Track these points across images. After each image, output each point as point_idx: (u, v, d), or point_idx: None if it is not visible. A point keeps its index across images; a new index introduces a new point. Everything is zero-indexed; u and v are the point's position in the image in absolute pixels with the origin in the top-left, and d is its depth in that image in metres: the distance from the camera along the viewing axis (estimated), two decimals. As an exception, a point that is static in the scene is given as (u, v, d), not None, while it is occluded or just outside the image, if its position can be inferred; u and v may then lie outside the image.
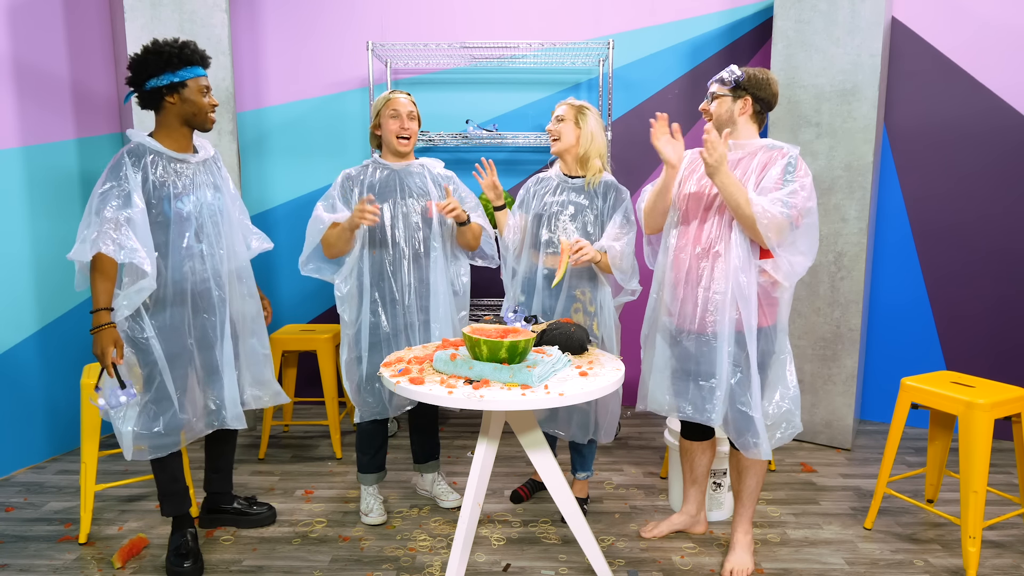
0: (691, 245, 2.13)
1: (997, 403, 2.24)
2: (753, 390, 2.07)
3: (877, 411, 3.71)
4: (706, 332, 2.10)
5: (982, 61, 3.33)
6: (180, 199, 2.11)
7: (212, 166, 2.26)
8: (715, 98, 2.13)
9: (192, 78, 2.09)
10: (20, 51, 3.03)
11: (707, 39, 3.69)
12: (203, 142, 2.27)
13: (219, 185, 2.26)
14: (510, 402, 1.72)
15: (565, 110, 2.44)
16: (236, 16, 3.65)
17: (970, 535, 2.23)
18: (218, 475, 2.51)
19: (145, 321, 2.08)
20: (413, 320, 2.47)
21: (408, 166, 2.49)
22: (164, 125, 2.13)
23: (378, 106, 2.46)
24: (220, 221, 2.23)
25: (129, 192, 2.00)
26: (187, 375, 2.17)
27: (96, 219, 1.96)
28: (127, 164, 2.03)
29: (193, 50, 2.09)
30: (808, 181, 2.02)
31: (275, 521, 2.57)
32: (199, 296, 2.16)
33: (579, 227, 2.43)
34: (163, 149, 2.10)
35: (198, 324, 2.17)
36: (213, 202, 2.21)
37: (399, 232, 2.43)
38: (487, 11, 3.70)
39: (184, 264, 2.12)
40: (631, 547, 2.42)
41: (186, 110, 2.10)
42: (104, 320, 1.98)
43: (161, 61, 2.04)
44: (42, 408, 3.16)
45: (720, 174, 1.95)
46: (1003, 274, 3.39)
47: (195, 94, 2.09)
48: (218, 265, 2.21)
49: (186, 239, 2.12)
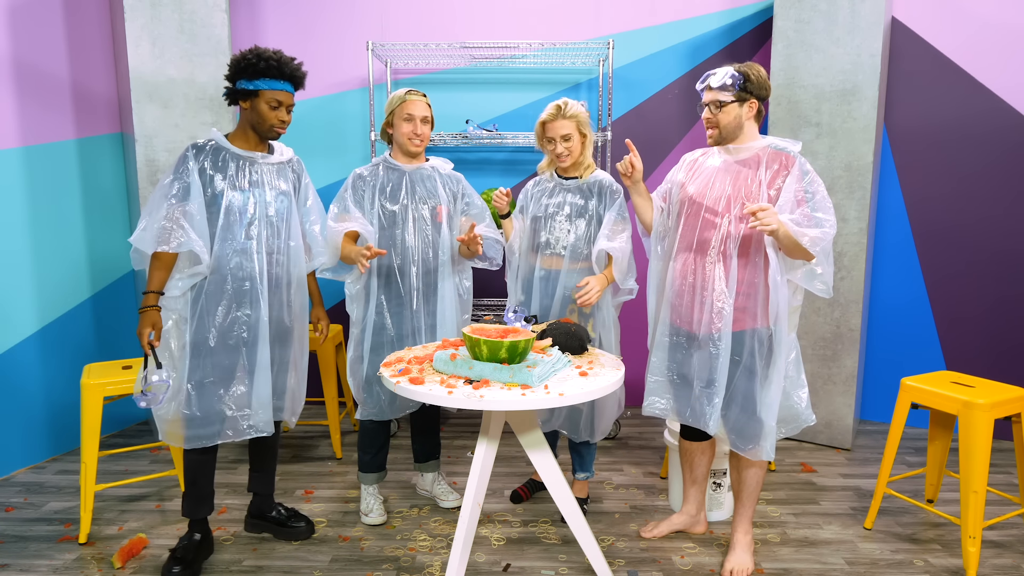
0: (695, 247, 2.12)
1: (997, 403, 2.24)
2: (765, 391, 2.07)
3: (877, 411, 3.71)
4: (709, 334, 2.10)
5: (982, 61, 3.33)
6: (234, 193, 2.12)
7: (286, 170, 2.27)
8: (722, 106, 2.07)
9: (267, 90, 2.10)
10: (20, 51, 3.03)
11: (707, 39, 3.69)
12: (281, 146, 2.29)
13: (288, 191, 2.25)
14: (510, 402, 1.72)
15: (569, 128, 2.36)
16: (236, 16, 3.64)
17: (970, 535, 2.23)
18: (259, 475, 2.47)
19: (186, 306, 2.12)
20: (420, 324, 2.47)
21: (419, 168, 2.49)
22: (239, 125, 2.20)
23: (393, 105, 2.42)
24: (280, 224, 2.21)
25: (188, 185, 2.07)
26: (227, 372, 2.16)
27: (155, 211, 2.05)
28: (189, 157, 2.10)
29: (271, 64, 2.08)
30: (822, 186, 2.03)
31: (312, 535, 2.49)
32: (242, 293, 2.15)
33: (575, 227, 2.43)
34: (228, 145, 2.14)
35: (236, 320, 2.15)
36: (275, 204, 2.20)
37: (409, 235, 2.43)
38: (487, 11, 3.70)
39: (232, 258, 2.13)
40: (631, 547, 2.42)
41: (253, 117, 2.14)
42: (150, 302, 2.06)
43: (240, 67, 2.09)
44: (42, 408, 3.16)
45: (780, 232, 1.91)
46: (1003, 274, 3.39)
47: (262, 105, 2.11)
48: (269, 266, 2.19)
49: (236, 233, 2.13)
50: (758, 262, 2.06)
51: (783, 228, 1.90)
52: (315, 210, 2.38)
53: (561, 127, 2.37)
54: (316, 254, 2.38)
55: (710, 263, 2.08)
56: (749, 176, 2.06)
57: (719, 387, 2.08)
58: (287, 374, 2.31)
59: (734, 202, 2.06)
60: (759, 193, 2.03)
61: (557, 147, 2.39)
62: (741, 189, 2.06)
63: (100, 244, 3.40)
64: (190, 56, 3.14)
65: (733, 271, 2.05)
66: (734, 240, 2.05)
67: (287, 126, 2.19)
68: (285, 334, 2.28)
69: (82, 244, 3.33)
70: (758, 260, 2.06)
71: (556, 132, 2.37)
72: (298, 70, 2.15)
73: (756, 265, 2.06)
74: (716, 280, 2.07)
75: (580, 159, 2.44)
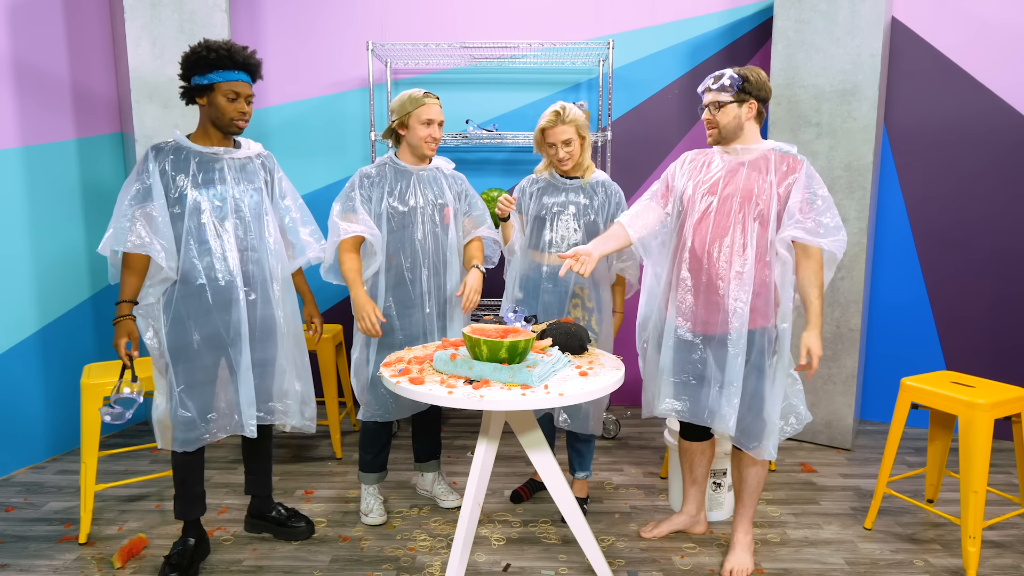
0: (706, 249, 2.12)
1: (997, 403, 2.24)
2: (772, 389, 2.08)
3: (877, 411, 3.71)
4: (725, 334, 2.09)
5: (982, 61, 3.33)
6: (199, 192, 2.08)
7: (253, 165, 2.21)
8: (721, 107, 2.09)
9: (222, 82, 2.05)
10: (20, 51, 3.03)
11: (707, 39, 3.69)
12: (248, 142, 2.24)
13: (259, 186, 2.20)
14: (510, 402, 1.72)
15: (569, 133, 2.37)
16: (236, 16, 3.64)
17: (970, 535, 2.23)
18: (254, 477, 2.45)
19: (160, 312, 2.09)
20: (432, 326, 2.46)
21: (426, 169, 2.48)
22: (199, 123, 2.16)
23: (408, 107, 2.36)
24: (252, 221, 2.17)
25: (149, 187, 2.04)
26: (210, 373, 2.14)
27: (117, 215, 2.03)
28: (150, 158, 2.07)
29: (221, 55, 2.03)
30: (826, 191, 2.06)
31: (311, 535, 2.48)
32: (215, 293, 2.11)
33: (581, 225, 2.45)
34: (191, 145, 2.10)
35: (211, 322, 2.11)
36: (244, 199, 2.15)
37: (419, 237, 2.42)
38: (487, 11, 3.70)
39: (201, 258, 2.09)
40: (631, 547, 2.42)
41: (211, 113, 2.09)
42: (123, 312, 2.04)
43: (191, 62, 2.05)
44: (42, 408, 3.16)
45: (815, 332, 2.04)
46: (1003, 274, 3.39)
47: (219, 98, 2.06)
48: (243, 264, 2.15)
49: (204, 233, 2.08)
50: (768, 261, 2.07)
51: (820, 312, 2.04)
52: (293, 206, 2.31)
53: (562, 132, 2.37)
54: (299, 252, 2.32)
55: (723, 264, 2.08)
56: (759, 178, 2.07)
57: (737, 387, 2.08)
58: (278, 375, 2.26)
59: (746, 203, 2.06)
60: (770, 193, 2.05)
61: (559, 152, 2.40)
62: (752, 189, 2.07)
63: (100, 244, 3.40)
64: (190, 56, 3.14)
65: (748, 271, 2.06)
66: (747, 241, 2.06)
67: (248, 119, 2.12)
68: (268, 334, 2.22)
69: (82, 244, 3.33)
70: (768, 259, 2.07)
71: (557, 138, 2.38)
72: (251, 58, 2.09)
73: (766, 264, 2.07)
74: (731, 280, 2.07)
75: (580, 160, 2.46)
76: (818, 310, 2.03)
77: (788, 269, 2.06)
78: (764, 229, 2.06)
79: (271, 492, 2.50)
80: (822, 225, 2.02)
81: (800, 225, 2.01)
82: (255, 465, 2.44)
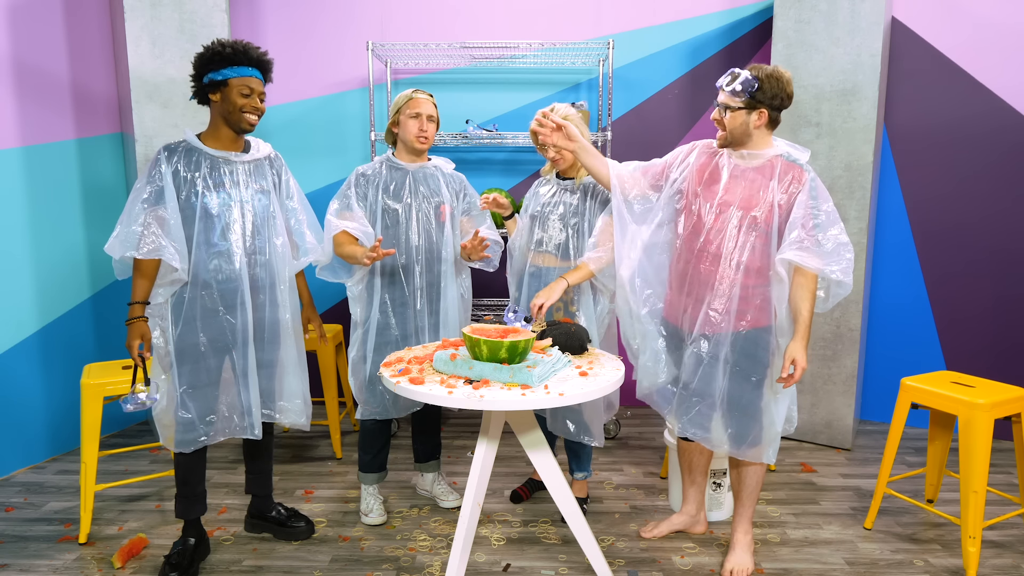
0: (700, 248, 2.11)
1: (997, 403, 2.24)
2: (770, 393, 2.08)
3: (877, 411, 3.71)
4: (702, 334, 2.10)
5: (982, 61, 3.33)
6: (209, 195, 2.08)
7: (264, 167, 2.22)
8: (728, 110, 2.05)
9: (236, 77, 2.05)
10: (20, 51, 3.03)
11: (707, 39, 3.69)
12: (258, 142, 2.24)
13: (268, 188, 2.20)
14: (510, 402, 1.72)
15: None
16: (236, 16, 3.64)
17: (970, 535, 2.23)
18: (254, 476, 2.45)
19: (167, 312, 2.10)
20: (424, 324, 2.47)
21: (423, 167, 2.48)
22: (210, 123, 2.15)
23: (399, 104, 2.42)
24: (260, 224, 2.17)
25: (161, 189, 2.04)
26: (213, 375, 2.14)
27: (128, 217, 2.02)
28: (162, 160, 2.06)
29: (236, 51, 2.05)
30: (831, 204, 2.03)
31: (311, 535, 2.48)
32: (223, 296, 2.12)
33: (567, 226, 2.44)
34: (200, 146, 2.10)
35: (218, 324, 2.12)
36: (253, 203, 2.16)
37: (413, 234, 2.43)
38: (487, 11, 3.70)
39: (210, 261, 2.09)
40: (631, 547, 2.42)
41: (224, 109, 2.09)
42: (136, 314, 2.04)
43: (206, 59, 2.06)
44: (42, 408, 3.16)
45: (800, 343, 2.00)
46: (1003, 274, 3.39)
47: (233, 94, 2.06)
48: (250, 268, 2.15)
49: (213, 235, 2.09)
50: (759, 269, 2.06)
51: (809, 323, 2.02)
52: (300, 208, 2.32)
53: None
54: (303, 253, 2.32)
55: (722, 263, 2.07)
56: (762, 184, 2.05)
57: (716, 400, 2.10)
58: (282, 376, 2.27)
59: (743, 211, 2.05)
60: (771, 203, 2.03)
61: (549, 152, 2.41)
62: (751, 199, 2.05)
63: (100, 244, 3.40)
64: (190, 56, 3.12)
65: (736, 277, 2.05)
66: (738, 249, 2.05)
67: (260, 115, 2.13)
68: (274, 336, 2.24)
69: (82, 244, 3.33)
70: (759, 268, 2.06)
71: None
72: (264, 56, 2.11)
73: (757, 273, 2.06)
74: (716, 286, 2.07)
75: (575, 161, 2.45)
76: (807, 322, 2.00)
77: (785, 288, 2.03)
78: (760, 239, 2.04)
79: (271, 492, 2.50)
80: (822, 247, 1.98)
81: (798, 245, 1.98)
82: (256, 464, 2.44)
